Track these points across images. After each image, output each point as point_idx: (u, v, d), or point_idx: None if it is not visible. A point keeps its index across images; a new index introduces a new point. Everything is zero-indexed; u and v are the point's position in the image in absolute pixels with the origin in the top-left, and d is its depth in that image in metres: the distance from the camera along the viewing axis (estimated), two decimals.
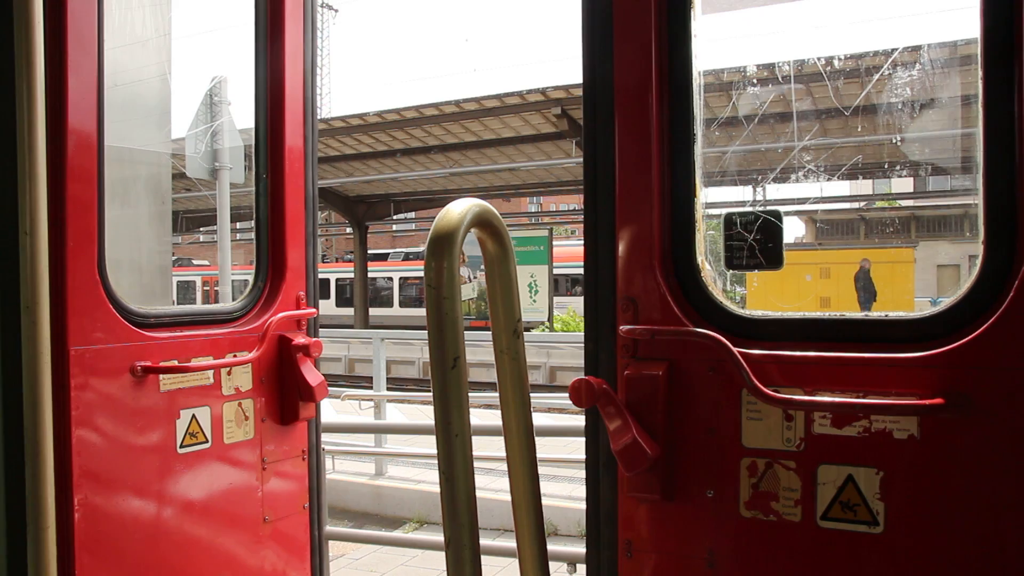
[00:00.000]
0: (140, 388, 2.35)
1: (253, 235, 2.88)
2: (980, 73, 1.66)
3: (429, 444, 7.96)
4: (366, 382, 17.03)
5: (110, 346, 2.29)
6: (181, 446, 2.46)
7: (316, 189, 3.01)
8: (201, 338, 2.55)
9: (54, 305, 2.14)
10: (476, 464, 1.59)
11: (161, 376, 2.40)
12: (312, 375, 2.74)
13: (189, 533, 2.51)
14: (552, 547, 2.47)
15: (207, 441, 2.54)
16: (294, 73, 2.86)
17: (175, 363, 2.45)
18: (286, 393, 2.77)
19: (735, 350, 1.75)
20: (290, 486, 2.85)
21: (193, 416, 2.50)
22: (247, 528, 2.70)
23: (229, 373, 2.61)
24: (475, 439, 1.66)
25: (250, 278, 2.87)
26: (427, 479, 9.25)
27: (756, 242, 1.98)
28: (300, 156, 2.90)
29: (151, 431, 2.39)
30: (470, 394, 1.56)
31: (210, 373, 2.55)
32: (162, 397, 2.41)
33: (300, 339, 2.76)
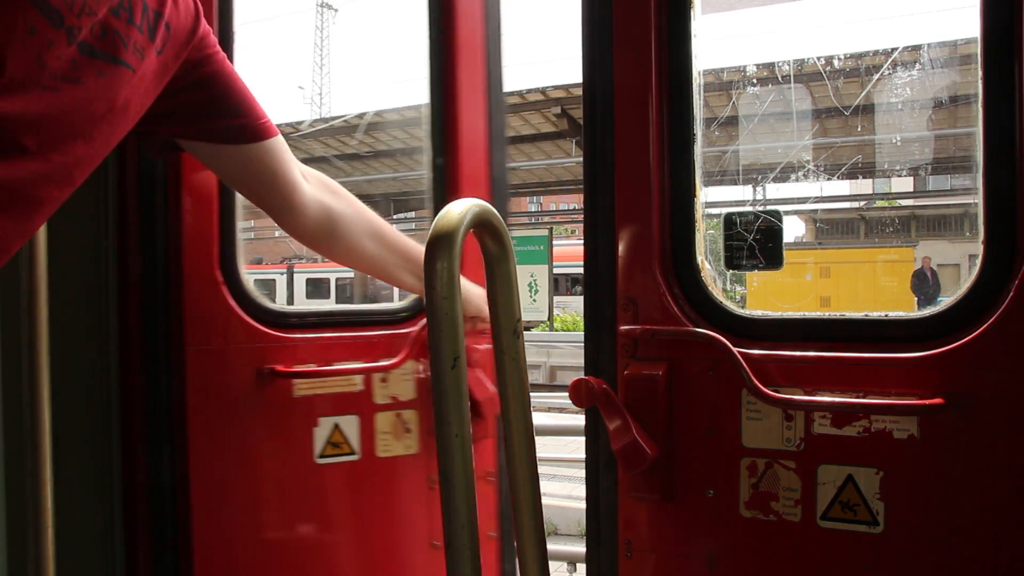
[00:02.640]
0: (270, 392, 2.22)
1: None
2: (980, 73, 1.66)
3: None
4: None
5: (235, 347, 2.20)
6: (320, 456, 2.27)
7: (504, 172, 2.62)
8: (349, 340, 2.32)
9: (174, 303, 2.10)
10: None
11: (295, 381, 2.23)
12: (481, 388, 2.39)
13: (332, 551, 2.33)
14: (552, 547, 2.46)
15: (353, 452, 2.31)
16: (470, 52, 2.52)
17: (312, 367, 2.27)
18: None
19: (735, 350, 1.75)
20: None
21: (336, 425, 2.29)
22: (406, 552, 2.45)
23: (384, 380, 2.36)
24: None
25: None
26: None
27: (756, 242, 1.98)
28: (482, 137, 2.57)
29: (282, 438, 2.25)
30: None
31: (358, 379, 2.32)
32: (296, 403, 2.25)
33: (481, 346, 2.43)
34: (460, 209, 1.50)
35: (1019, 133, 1.60)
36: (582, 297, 2.08)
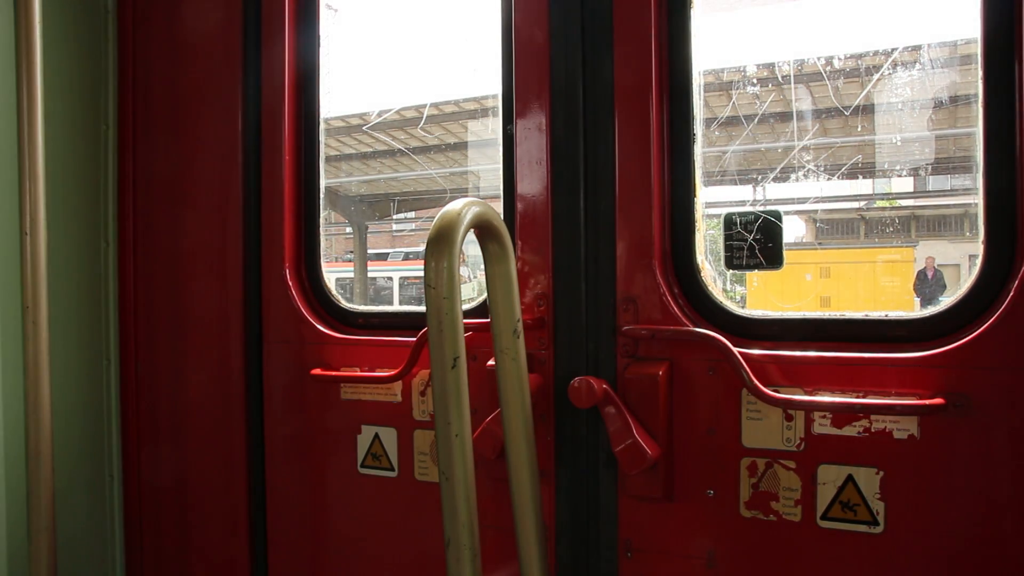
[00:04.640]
0: (323, 392, 2.24)
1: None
2: (980, 73, 1.66)
3: None
4: None
5: (301, 344, 2.26)
6: (362, 465, 2.23)
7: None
8: (399, 344, 2.18)
9: (252, 301, 2.27)
10: None
11: (342, 384, 2.21)
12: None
13: (367, 560, 2.26)
14: None
15: (392, 469, 2.20)
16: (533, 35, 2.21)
17: (356, 371, 2.21)
18: None
19: (735, 350, 1.75)
20: None
21: (376, 435, 2.21)
22: None
23: (423, 394, 2.16)
24: None
25: None
26: None
27: (756, 242, 1.98)
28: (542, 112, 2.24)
29: (330, 441, 2.26)
30: None
31: (396, 389, 2.18)
32: (344, 406, 2.24)
33: None
34: (460, 209, 1.50)
35: (1019, 133, 1.61)
36: None
